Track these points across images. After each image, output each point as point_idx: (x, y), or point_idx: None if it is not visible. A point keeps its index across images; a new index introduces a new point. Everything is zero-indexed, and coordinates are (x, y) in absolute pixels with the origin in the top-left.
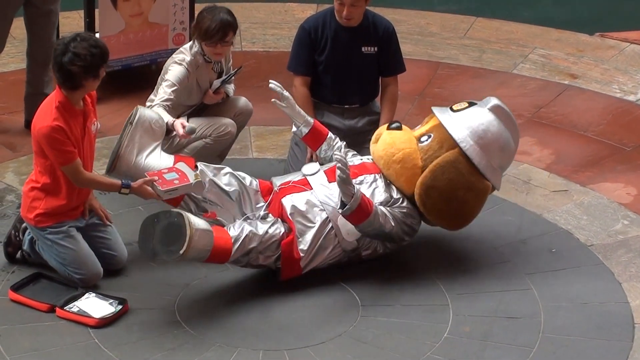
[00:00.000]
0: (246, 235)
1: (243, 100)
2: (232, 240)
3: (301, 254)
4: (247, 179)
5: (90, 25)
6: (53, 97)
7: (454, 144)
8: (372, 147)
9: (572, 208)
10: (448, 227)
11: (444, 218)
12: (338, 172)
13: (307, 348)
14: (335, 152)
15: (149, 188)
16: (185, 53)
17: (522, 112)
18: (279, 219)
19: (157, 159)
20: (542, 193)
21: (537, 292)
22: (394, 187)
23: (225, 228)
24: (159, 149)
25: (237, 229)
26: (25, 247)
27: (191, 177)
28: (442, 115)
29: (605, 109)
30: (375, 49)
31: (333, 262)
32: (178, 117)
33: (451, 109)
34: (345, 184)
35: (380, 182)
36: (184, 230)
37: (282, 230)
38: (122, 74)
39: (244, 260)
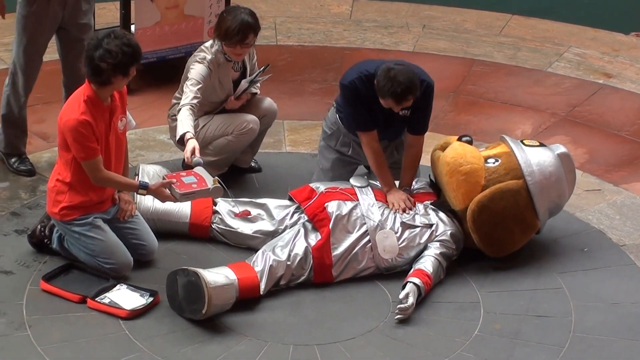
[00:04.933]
0: (270, 266)
1: (268, 101)
2: (258, 277)
3: (333, 260)
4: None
5: (125, 16)
6: (81, 91)
7: (519, 175)
8: (437, 152)
9: (605, 207)
10: (486, 251)
11: (486, 240)
12: (399, 316)
13: (338, 343)
14: (398, 309)
15: (167, 190)
16: (206, 52)
17: (556, 111)
18: (302, 230)
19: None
20: (575, 192)
21: (569, 291)
22: (432, 213)
23: (249, 263)
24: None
25: (260, 263)
26: (55, 245)
27: (209, 182)
28: (515, 145)
29: None
30: (409, 111)
31: (365, 274)
32: (205, 113)
33: (522, 142)
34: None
35: (420, 208)
36: (202, 290)
37: (305, 244)
38: (156, 65)
39: (279, 287)
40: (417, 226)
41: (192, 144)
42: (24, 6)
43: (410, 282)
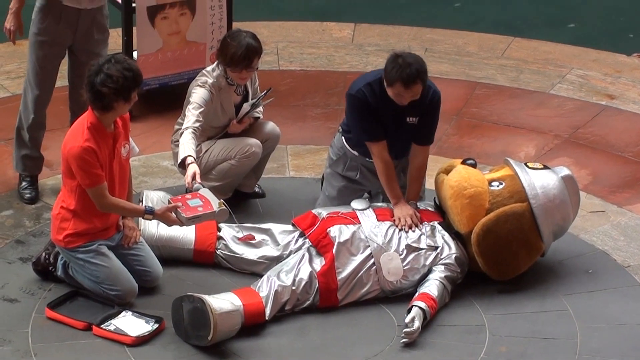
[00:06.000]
0: (276, 291)
1: (270, 125)
2: (263, 302)
3: (339, 283)
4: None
5: (128, 43)
6: (85, 118)
7: (524, 198)
8: (441, 176)
9: (609, 229)
10: (491, 274)
11: (490, 264)
12: (405, 340)
13: None
14: (404, 332)
15: (172, 215)
16: (207, 76)
17: (560, 133)
18: (306, 254)
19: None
20: (579, 214)
21: (574, 313)
22: (438, 235)
23: (254, 288)
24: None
25: (265, 289)
26: (59, 272)
27: (215, 204)
28: (519, 168)
29: None
30: (417, 119)
31: (370, 297)
32: (208, 138)
33: (526, 165)
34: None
35: (426, 229)
36: (208, 316)
37: (310, 269)
38: (159, 92)
39: (284, 312)
40: (422, 249)
41: (192, 168)
42: (36, 24)
43: (416, 305)
